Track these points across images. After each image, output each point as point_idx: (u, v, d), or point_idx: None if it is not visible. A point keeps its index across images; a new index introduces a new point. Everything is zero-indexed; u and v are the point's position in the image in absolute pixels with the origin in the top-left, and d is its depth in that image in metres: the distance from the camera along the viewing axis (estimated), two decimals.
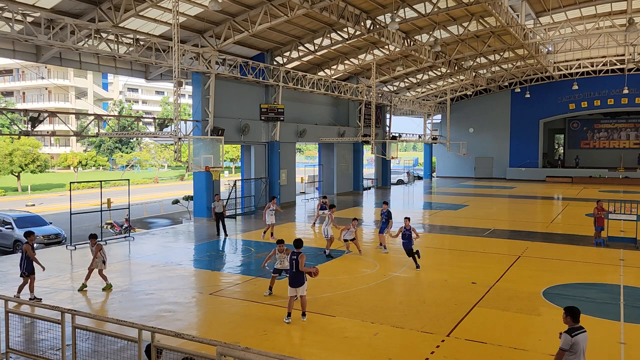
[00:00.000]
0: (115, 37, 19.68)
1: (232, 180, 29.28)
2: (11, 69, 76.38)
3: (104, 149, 77.39)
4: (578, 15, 30.08)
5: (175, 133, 19.49)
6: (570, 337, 6.46)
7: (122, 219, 23.55)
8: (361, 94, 36.15)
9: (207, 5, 19.34)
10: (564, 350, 6.48)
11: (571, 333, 6.52)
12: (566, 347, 6.46)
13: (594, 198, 31.87)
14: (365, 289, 13.24)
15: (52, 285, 13.64)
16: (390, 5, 23.65)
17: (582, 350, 6.52)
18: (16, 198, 43.33)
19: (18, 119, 19.56)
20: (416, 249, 15.45)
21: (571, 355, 6.47)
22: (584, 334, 6.58)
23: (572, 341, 6.45)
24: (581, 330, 6.55)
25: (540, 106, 49.71)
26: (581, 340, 6.52)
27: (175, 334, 6.95)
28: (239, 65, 25.52)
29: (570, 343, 6.45)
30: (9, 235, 20.78)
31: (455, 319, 10.85)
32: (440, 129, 53.41)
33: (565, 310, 6.78)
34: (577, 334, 6.49)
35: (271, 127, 29.36)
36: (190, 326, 10.70)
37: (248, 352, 5.55)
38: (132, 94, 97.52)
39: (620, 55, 41.29)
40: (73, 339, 7.83)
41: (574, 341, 6.46)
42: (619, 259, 16.54)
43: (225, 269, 15.72)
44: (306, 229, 23.49)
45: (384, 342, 9.69)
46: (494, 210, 29.60)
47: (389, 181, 44.88)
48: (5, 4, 16.10)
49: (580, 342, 6.50)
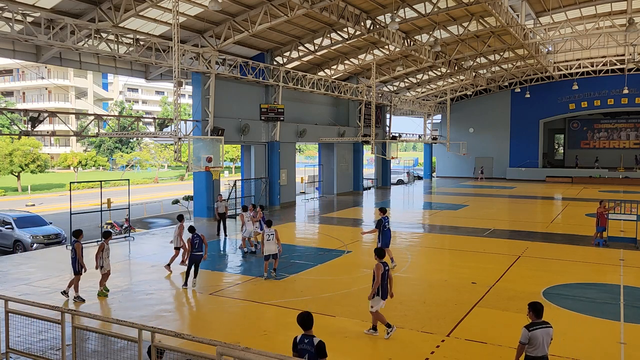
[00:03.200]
0: (115, 37, 19.67)
1: (232, 180, 29.28)
2: (11, 69, 76.38)
3: (104, 149, 77.40)
4: (578, 15, 30.08)
5: (175, 133, 19.47)
6: (528, 332, 6.89)
7: (122, 219, 23.54)
8: (361, 94, 36.15)
9: (207, 5, 19.34)
10: (522, 343, 6.94)
11: (529, 328, 6.94)
12: (524, 341, 6.91)
13: (593, 198, 31.92)
14: (365, 289, 13.21)
15: (52, 285, 13.63)
16: (390, 5, 23.65)
17: (541, 343, 6.91)
18: (16, 198, 43.33)
19: (18, 119, 19.56)
20: None
21: (530, 348, 6.91)
22: (544, 329, 6.95)
23: (529, 335, 6.87)
24: (542, 325, 6.93)
25: (540, 106, 49.71)
26: (540, 335, 6.90)
27: (175, 334, 6.95)
28: (239, 65, 25.52)
29: (528, 337, 6.88)
30: (9, 235, 20.78)
31: (455, 319, 10.85)
32: (440, 129, 53.40)
33: (528, 306, 7.18)
34: (534, 328, 6.89)
35: (271, 127, 29.36)
36: (190, 326, 10.70)
37: (248, 352, 5.55)
38: (132, 94, 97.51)
39: (620, 55, 41.29)
40: (73, 339, 7.83)
41: (532, 335, 6.88)
42: (619, 259, 16.54)
43: (225, 269, 15.72)
44: (306, 229, 23.50)
45: (384, 342, 9.69)
46: (494, 210, 29.59)
47: (389, 181, 44.88)
48: (5, 4, 16.09)
49: (539, 336, 6.90)
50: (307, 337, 6.27)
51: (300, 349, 6.25)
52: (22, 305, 8.66)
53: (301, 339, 6.30)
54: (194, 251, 13.29)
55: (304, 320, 6.38)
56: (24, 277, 14.42)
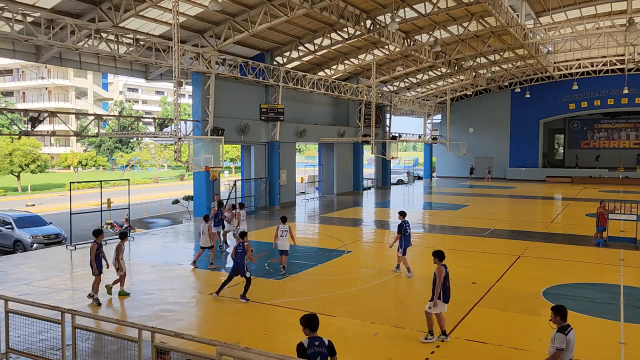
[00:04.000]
0: (115, 37, 19.67)
1: (232, 180, 29.28)
2: (11, 69, 76.37)
3: (104, 149, 77.40)
4: (578, 15, 30.07)
5: (175, 133, 19.48)
6: (565, 336, 6.60)
7: (122, 219, 23.55)
8: (361, 94, 36.15)
9: (207, 5, 19.33)
10: (560, 349, 6.58)
11: (564, 331, 6.65)
12: (562, 346, 6.57)
13: (593, 198, 31.92)
14: (365, 289, 13.24)
15: (52, 285, 13.63)
16: (390, 5, 23.64)
17: (573, 346, 6.73)
18: (16, 198, 43.33)
19: (18, 119, 19.58)
20: None
21: (564, 353, 6.62)
22: (573, 331, 6.77)
23: (566, 339, 6.59)
24: (570, 327, 6.72)
25: (540, 106, 49.70)
26: (572, 337, 6.71)
27: (175, 334, 6.94)
28: (239, 65, 25.51)
29: (565, 342, 6.58)
30: (9, 235, 20.77)
31: (455, 319, 10.84)
32: (440, 129, 53.39)
33: (552, 310, 6.88)
34: (568, 331, 6.67)
35: (271, 127, 29.36)
36: (190, 326, 10.70)
37: (248, 352, 5.55)
38: (132, 94, 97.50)
39: (620, 55, 41.28)
40: (73, 339, 7.83)
41: (568, 339, 6.61)
42: (619, 259, 16.54)
43: (226, 269, 15.71)
44: (306, 229, 23.49)
45: (384, 342, 9.69)
46: (494, 210, 29.60)
47: (389, 181, 44.88)
48: (5, 4, 16.08)
49: (572, 339, 6.70)
50: (316, 340, 6.00)
51: (312, 352, 5.88)
52: (22, 305, 8.66)
53: (310, 342, 5.96)
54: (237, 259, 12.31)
55: (310, 322, 6.11)
56: (24, 277, 14.41)
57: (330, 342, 6.07)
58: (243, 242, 12.37)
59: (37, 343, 8.79)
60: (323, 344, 5.99)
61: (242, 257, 12.20)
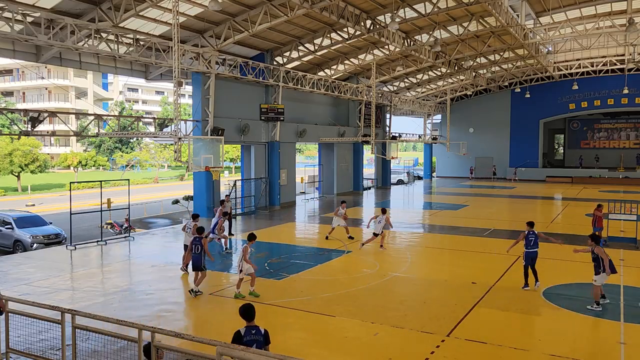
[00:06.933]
0: (115, 37, 19.67)
1: (232, 180, 29.28)
2: (11, 69, 76.36)
3: (104, 149, 77.39)
4: (578, 15, 30.07)
5: (175, 133, 19.48)
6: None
7: (122, 219, 23.54)
8: (361, 94, 36.15)
9: (207, 5, 19.33)
10: None
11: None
12: None
13: (593, 198, 31.91)
14: (365, 289, 13.23)
15: (52, 285, 13.63)
16: (390, 5, 23.64)
17: None
18: (16, 198, 43.33)
19: (18, 119, 19.57)
20: None
21: None
22: None
23: None
24: None
25: (540, 106, 49.71)
26: None
27: (175, 334, 6.94)
28: (239, 65, 25.51)
29: None
30: (9, 235, 20.77)
31: (455, 319, 10.85)
32: (440, 129, 53.39)
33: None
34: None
35: (271, 127, 29.36)
36: (190, 326, 10.70)
37: (248, 352, 5.55)
38: (132, 94, 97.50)
39: (620, 55, 41.28)
40: (73, 339, 7.82)
41: None
42: (619, 259, 16.51)
43: (226, 268, 15.71)
44: (306, 229, 23.50)
45: (384, 342, 9.69)
46: (494, 210, 29.59)
47: (389, 181, 44.88)
48: (5, 4, 16.09)
49: None
50: (253, 328, 6.55)
51: (248, 340, 6.40)
52: (22, 305, 8.66)
53: (247, 331, 6.52)
54: None
55: (247, 312, 6.65)
56: (24, 277, 14.41)
57: (266, 332, 6.59)
58: (200, 237, 12.86)
59: (37, 343, 8.79)
60: (259, 332, 6.53)
61: (201, 252, 12.72)
